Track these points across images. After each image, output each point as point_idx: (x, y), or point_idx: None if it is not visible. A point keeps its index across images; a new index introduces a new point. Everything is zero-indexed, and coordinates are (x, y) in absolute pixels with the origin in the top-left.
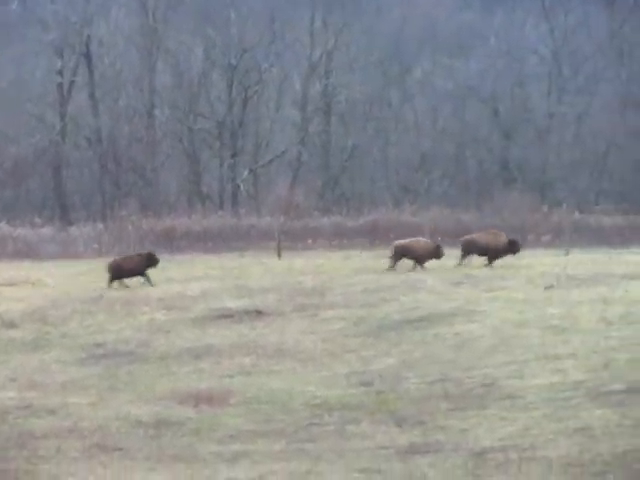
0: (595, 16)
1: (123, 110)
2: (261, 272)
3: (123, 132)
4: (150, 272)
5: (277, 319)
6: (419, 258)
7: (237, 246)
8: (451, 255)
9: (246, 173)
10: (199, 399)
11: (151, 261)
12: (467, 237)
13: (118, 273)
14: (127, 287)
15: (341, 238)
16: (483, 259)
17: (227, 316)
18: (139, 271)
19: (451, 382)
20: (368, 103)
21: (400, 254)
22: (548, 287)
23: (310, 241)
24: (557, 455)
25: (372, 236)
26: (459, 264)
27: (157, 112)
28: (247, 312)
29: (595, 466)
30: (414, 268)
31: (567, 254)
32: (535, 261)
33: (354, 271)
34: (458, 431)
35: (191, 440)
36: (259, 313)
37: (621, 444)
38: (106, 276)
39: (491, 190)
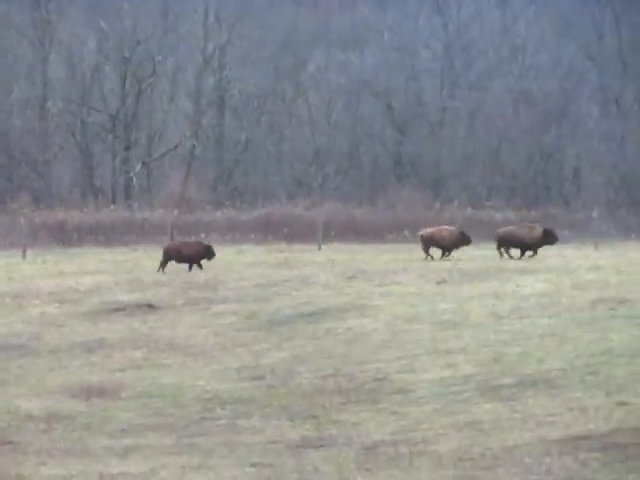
0: (488, 11)
1: (15, 102)
2: (153, 266)
3: (15, 124)
4: (42, 266)
5: (169, 313)
6: (446, 246)
7: (130, 240)
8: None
9: (139, 166)
10: (90, 393)
11: (208, 253)
12: (502, 230)
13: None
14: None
15: (234, 232)
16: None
17: (119, 310)
18: (195, 259)
19: (343, 376)
20: (262, 97)
21: (427, 243)
22: (440, 282)
23: (203, 235)
24: (447, 449)
25: (265, 230)
26: (501, 257)
27: (50, 104)
28: (139, 306)
29: (485, 460)
30: (443, 257)
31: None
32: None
33: (247, 265)
34: (350, 425)
35: (82, 434)
36: (151, 307)
37: (511, 438)
38: None
39: (385, 185)
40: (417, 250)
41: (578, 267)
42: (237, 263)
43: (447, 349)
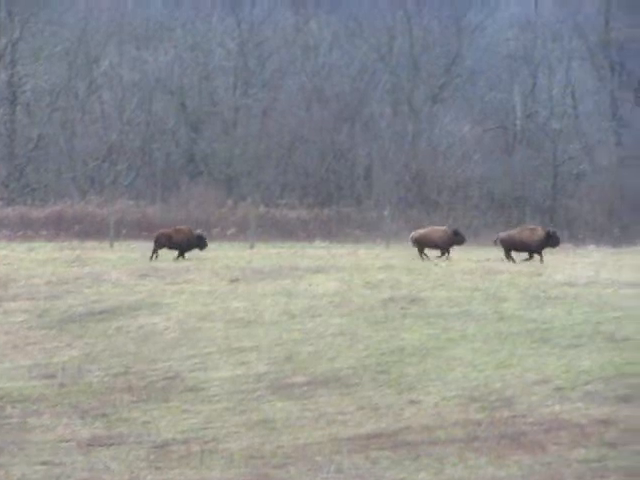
0: (281, 10)
1: None
2: None
3: None
4: None
5: None
6: (439, 246)
7: None
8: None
9: None
10: None
11: (201, 242)
12: (503, 234)
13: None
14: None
15: (26, 229)
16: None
17: None
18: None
19: (134, 375)
20: (54, 93)
21: (420, 244)
22: (233, 280)
23: None
24: (239, 447)
25: (57, 227)
26: (506, 260)
27: None
28: None
29: (276, 458)
30: (440, 257)
31: (252, 247)
32: (221, 254)
33: (38, 263)
34: (141, 423)
35: None
36: None
37: (302, 436)
38: None
39: (178, 182)
40: (210, 248)
41: (370, 266)
42: (28, 260)
43: (240, 347)
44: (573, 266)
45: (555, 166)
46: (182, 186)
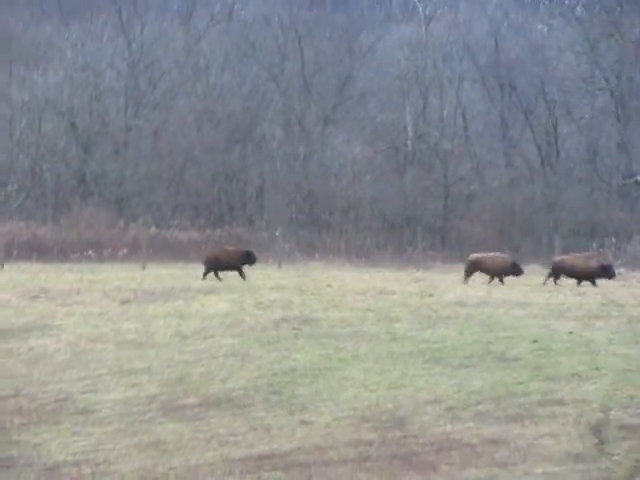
0: (172, 31)
1: None
2: None
3: None
4: None
5: None
6: (494, 273)
7: None
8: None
9: None
10: None
11: (249, 258)
12: (557, 259)
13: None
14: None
15: None
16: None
17: None
18: (236, 265)
19: (24, 397)
20: None
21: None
22: (124, 302)
23: None
24: (130, 469)
25: None
26: (553, 283)
27: None
28: None
29: None
30: (490, 282)
31: (144, 269)
32: (112, 275)
33: None
34: (31, 446)
35: None
36: None
37: (194, 457)
38: None
39: (69, 203)
40: (102, 269)
41: (262, 286)
42: None
43: (131, 369)
44: (464, 286)
45: (446, 187)
46: (73, 207)
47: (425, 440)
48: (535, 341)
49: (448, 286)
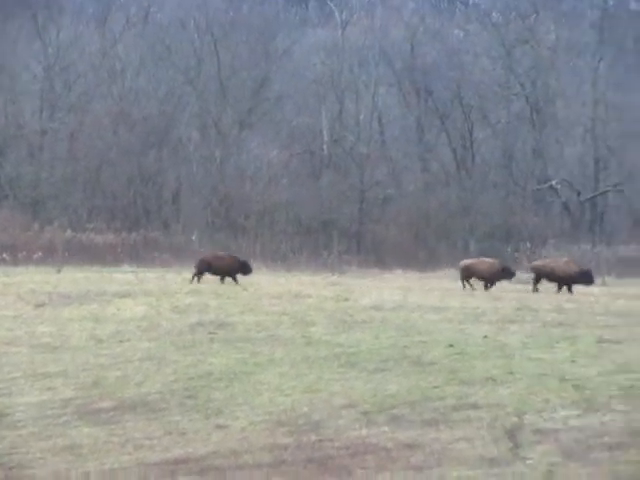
0: (88, 34)
1: None
2: None
3: None
4: None
5: None
6: (486, 278)
7: None
8: None
9: None
10: None
11: (244, 268)
12: (537, 263)
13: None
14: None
15: None
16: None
17: None
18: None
19: None
20: None
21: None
22: (39, 305)
23: None
24: (44, 473)
25: None
26: (534, 289)
27: None
28: None
29: None
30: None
31: (59, 272)
32: (26, 278)
33: None
34: None
35: None
36: None
37: (109, 461)
38: None
39: None
40: (16, 272)
41: (178, 290)
42: None
43: (46, 372)
44: (380, 290)
45: (362, 191)
46: None
47: (340, 444)
48: (450, 345)
49: (363, 290)
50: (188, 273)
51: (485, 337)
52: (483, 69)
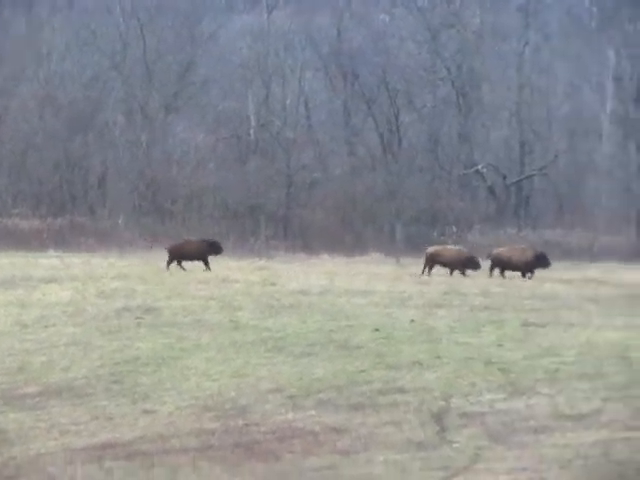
0: (13, 19)
1: None
2: None
3: None
4: None
5: None
6: (451, 265)
7: None
8: None
9: None
10: None
11: (214, 248)
12: (495, 252)
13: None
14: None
15: None
16: None
17: None
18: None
19: None
20: None
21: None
22: None
23: None
24: None
25: None
26: (490, 276)
27: None
28: None
29: (8, 469)
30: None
31: None
32: None
33: None
34: None
35: None
36: None
37: (35, 447)
38: None
39: None
40: None
41: (104, 275)
42: None
43: None
44: (307, 275)
45: (288, 175)
46: None
47: (267, 428)
48: (377, 329)
49: (290, 275)
50: (114, 258)
51: (412, 321)
52: (409, 53)
